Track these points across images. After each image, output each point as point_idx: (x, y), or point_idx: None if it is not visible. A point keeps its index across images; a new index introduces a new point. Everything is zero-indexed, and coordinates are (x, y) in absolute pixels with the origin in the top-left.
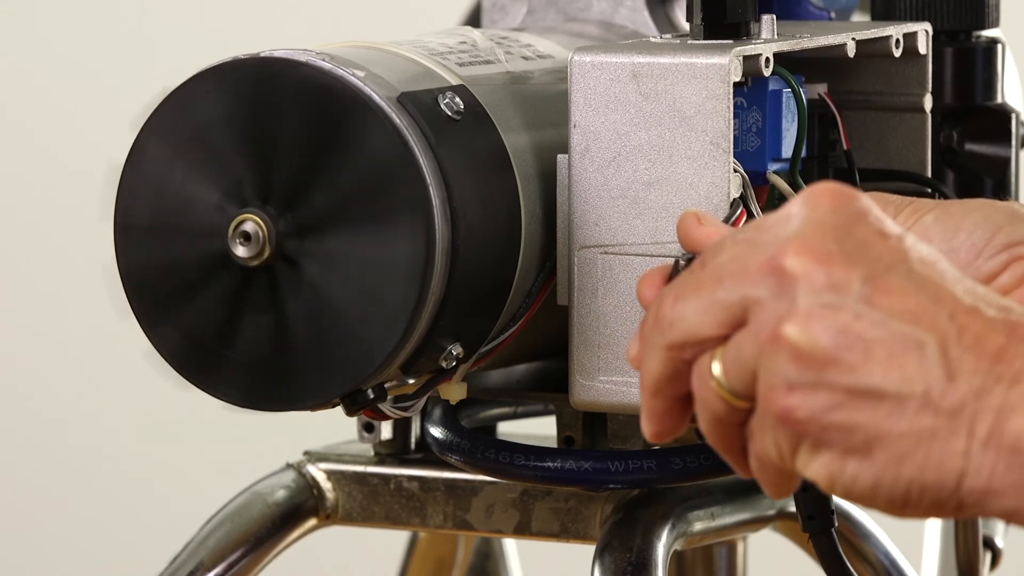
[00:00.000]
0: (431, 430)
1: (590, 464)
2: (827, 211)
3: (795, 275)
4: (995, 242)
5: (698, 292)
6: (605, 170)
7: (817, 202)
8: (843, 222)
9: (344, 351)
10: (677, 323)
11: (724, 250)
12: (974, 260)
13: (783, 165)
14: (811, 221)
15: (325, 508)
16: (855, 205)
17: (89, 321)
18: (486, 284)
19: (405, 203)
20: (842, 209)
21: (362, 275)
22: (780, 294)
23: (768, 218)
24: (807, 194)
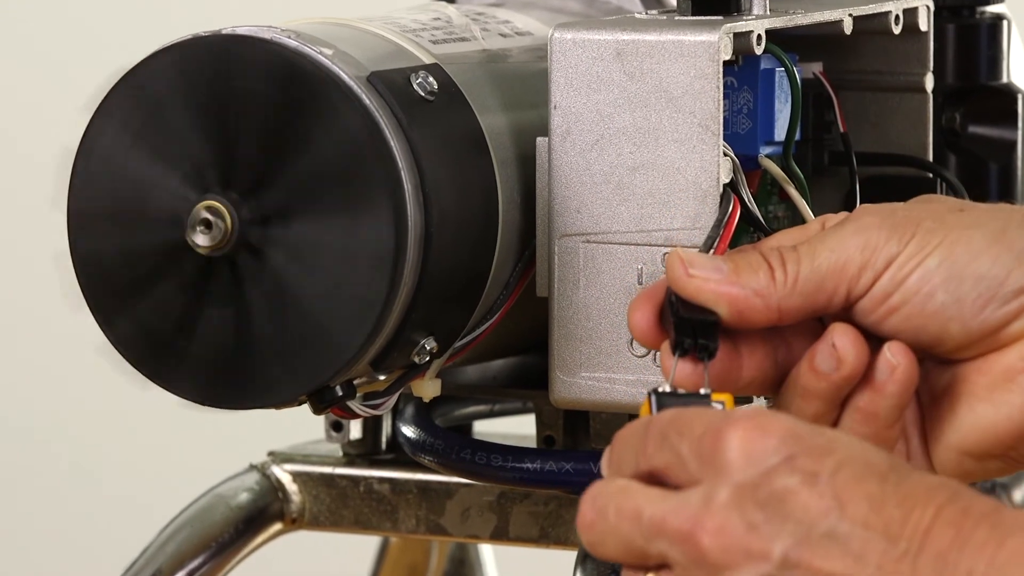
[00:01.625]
0: (403, 429)
1: (571, 465)
2: (741, 468)
3: (710, 553)
4: (1005, 290)
5: (618, 530)
6: (587, 154)
7: (729, 463)
8: (760, 477)
9: (311, 345)
10: (599, 546)
11: (656, 458)
12: (982, 311)
13: (776, 148)
14: (726, 488)
15: (291, 512)
16: (772, 449)
17: (39, 314)
18: (461, 274)
19: (375, 188)
20: (757, 459)
21: (330, 265)
22: (697, 565)
23: (698, 448)
24: (717, 450)
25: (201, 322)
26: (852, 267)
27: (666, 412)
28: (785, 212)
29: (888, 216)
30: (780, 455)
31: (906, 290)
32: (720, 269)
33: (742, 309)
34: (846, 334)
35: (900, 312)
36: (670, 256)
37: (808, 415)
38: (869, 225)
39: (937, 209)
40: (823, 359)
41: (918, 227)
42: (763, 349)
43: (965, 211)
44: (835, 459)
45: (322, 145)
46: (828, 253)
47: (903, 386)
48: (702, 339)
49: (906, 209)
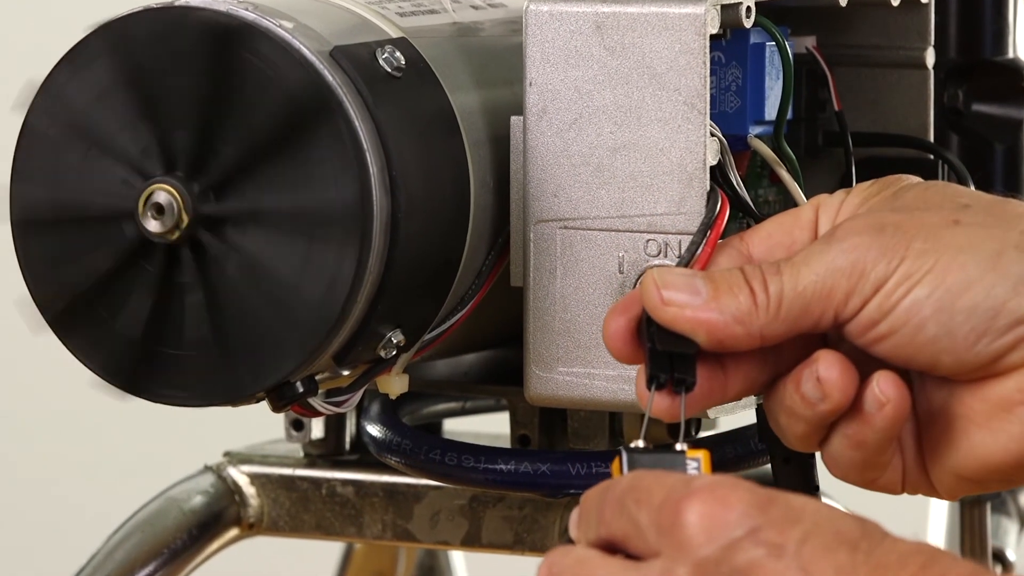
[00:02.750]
0: (368, 428)
1: (548, 466)
2: (701, 543)
3: None
4: (999, 323)
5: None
6: (565, 134)
7: (689, 537)
8: (722, 552)
9: (270, 339)
10: None
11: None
12: (975, 344)
13: (766, 128)
14: (686, 566)
15: (248, 516)
16: (734, 522)
17: None
18: (430, 263)
19: (338, 171)
20: (719, 533)
21: (290, 254)
22: None
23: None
24: (677, 523)
25: (155, 317)
26: (838, 293)
27: (626, 477)
28: (776, 196)
29: (877, 232)
30: (743, 528)
31: (895, 319)
32: (698, 292)
33: (722, 338)
34: (832, 366)
35: (889, 340)
36: (645, 280)
37: (795, 434)
38: (857, 246)
39: (930, 222)
40: (809, 387)
41: (908, 248)
42: (751, 359)
43: (961, 224)
44: (802, 529)
45: (281, 126)
46: (813, 277)
47: (892, 421)
48: (679, 373)
49: (898, 218)
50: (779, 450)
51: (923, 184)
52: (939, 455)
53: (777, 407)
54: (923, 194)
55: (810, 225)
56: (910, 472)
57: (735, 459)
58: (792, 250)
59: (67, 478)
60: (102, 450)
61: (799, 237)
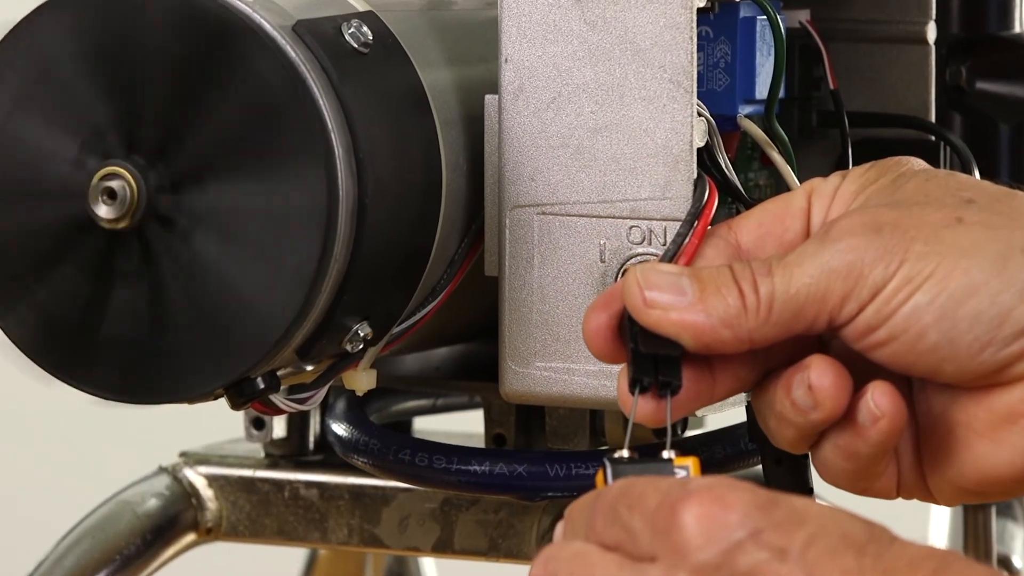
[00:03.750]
0: (334, 427)
1: (525, 467)
2: (700, 546)
3: None
4: (1005, 332)
5: None
6: (543, 114)
7: (687, 540)
8: (722, 556)
9: (228, 331)
10: None
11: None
12: (979, 354)
13: (757, 108)
14: (685, 571)
15: (205, 520)
16: (735, 523)
17: None
18: (400, 251)
19: (301, 153)
20: (719, 536)
21: (249, 240)
22: None
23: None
24: (674, 525)
25: (106, 307)
26: (834, 296)
27: (616, 483)
28: (767, 180)
29: (875, 232)
30: (744, 530)
31: (894, 326)
32: (683, 292)
33: (708, 342)
34: (825, 374)
35: (888, 347)
36: (627, 278)
37: (785, 438)
38: (853, 246)
39: (931, 220)
40: (800, 394)
41: (908, 250)
42: (740, 358)
43: (964, 223)
44: (806, 532)
45: (241, 104)
46: (807, 279)
47: (886, 436)
48: (664, 375)
49: (896, 215)
50: (770, 451)
51: (924, 173)
52: (938, 463)
53: (766, 410)
54: (924, 186)
55: (802, 213)
56: (906, 478)
57: (724, 460)
58: (783, 240)
59: (11, 480)
60: (50, 450)
61: (791, 226)
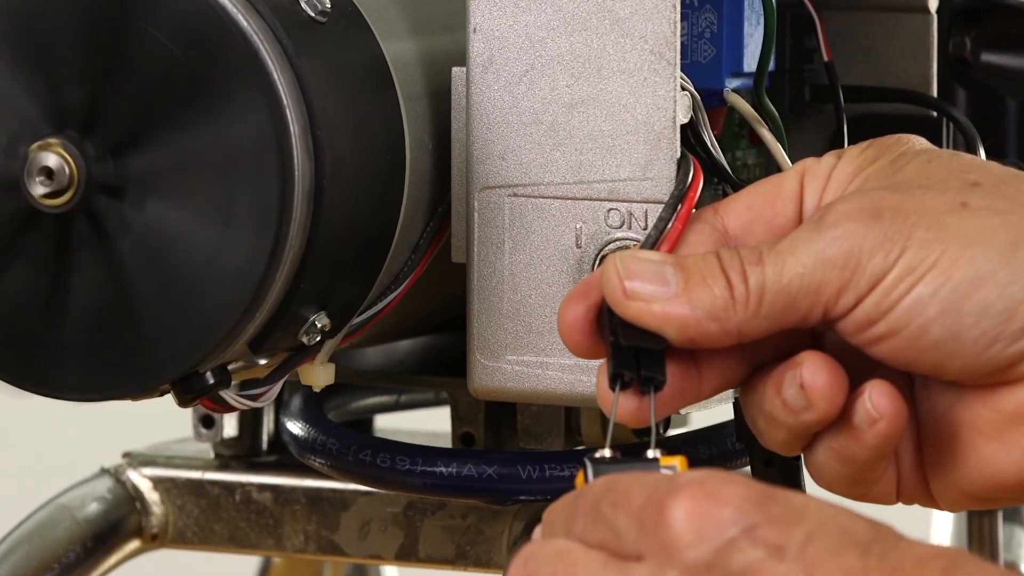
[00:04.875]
0: (289, 425)
1: (495, 469)
2: (691, 543)
3: None
4: (1014, 326)
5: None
6: (514, 88)
7: (677, 537)
8: (715, 555)
9: (175, 322)
10: None
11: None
12: (986, 350)
13: (745, 81)
14: (675, 570)
15: (151, 526)
16: (728, 519)
17: None
18: (360, 235)
19: (253, 131)
20: (710, 533)
21: (197, 225)
22: None
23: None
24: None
25: (41, 297)
26: (829, 287)
27: (598, 481)
28: (756, 159)
29: (874, 218)
30: (738, 526)
31: (894, 320)
32: (666, 283)
33: (694, 335)
34: (818, 371)
35: (888, 342)
36: (606, 267)
37: (775, 440)
38: (851, 233)
39: (934, 205)
40: (791, 394)
41: (910, 238)
42: (727, 352)
43: (969, 208)
44: (805, 528)
45: (188, 80)
46: (800, 269)
47: (885, 439)
48: (646, 370)
49: (897, 200)
50: (760, 451)
51: (926, 154)
52: (942, 467)
53: (755, 409)
54: (926, 168)
55: (794, 196)
56: (907, 482)
57: (710, 460)
58: (773, 225)
59: None
60: None
61: (782, 210)
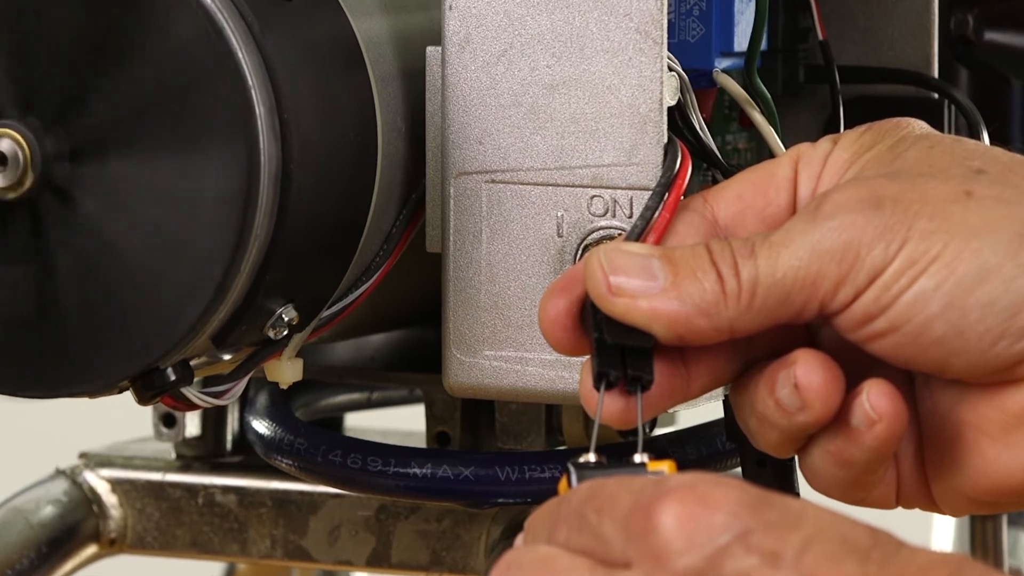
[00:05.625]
0: (254, 424)
1: (472, 470)
2: (681, 550)
3: None
4: (1020, 322)
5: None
6: (492, 68)
7: (666, 544)
8: (707, 562)
9: (134, 315)
10: None
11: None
12: (992, 347)
13: (736, 61)
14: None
15: (108, 530)
16: (720, 525)
17: None
18: (329, 224)
19: (218, 113)
20: (702, 539)
21: (159, 212)
22: None
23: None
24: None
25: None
26: (826, 281)
27: (581, 486)
28: (748, 143)
29: (874, 208)
30: (731, 532)
31: (894, 316)
32: (654, 277)
33: (683, 332)
34: (814, 370)
35: (888, 339)
36: (589, 261)
37: (768, 441)
38: (849, 224)
39: (937, 194)
40: (785, 394)
41: (911, 228)
42: (717, 349)
43: (974, 197)
44: (802, 535)
45: (149, 58)
46: (795, 262)
47: (884, 442)
48: (633, 369)
49: (897, 188)
50: (751, 451)
51: (927, 139)
52: (944, 470)
53: (747, 409)
54: (927, 154)
55: (788, 184)
56: (907, 486)
57: (698, 462)
58: (766, 214)
59: None
60: None
61: (775, 199)
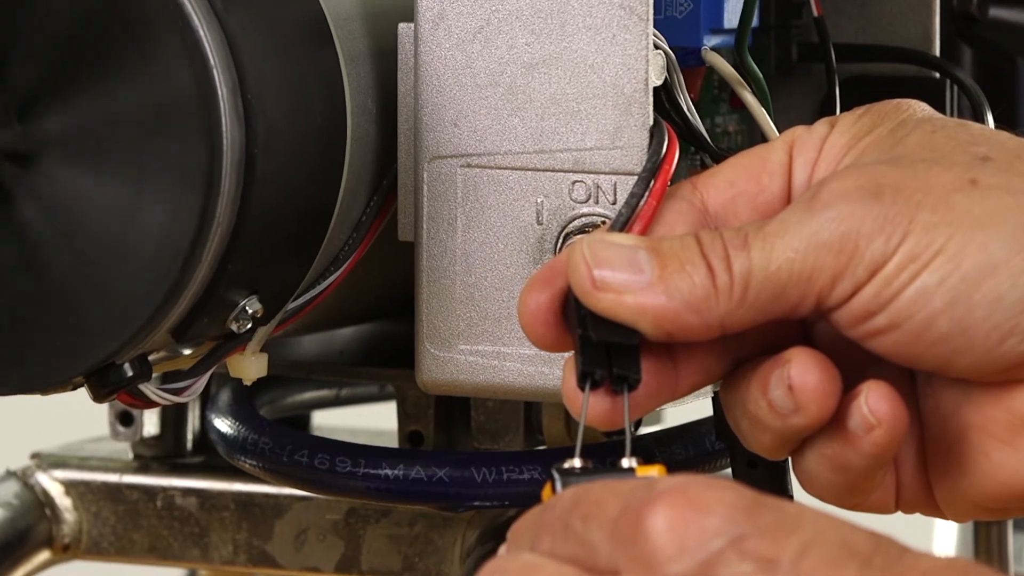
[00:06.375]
0: (217, 423)
1: (446, 471)
2: (672, 556)
3: None
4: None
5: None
6: (468, 46)
7: (657, 550)
8: (699, 569)
9: (88, 307)
10: None
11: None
12: (999, 345)
13: (726, 39)
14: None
15: (62, 535)
16: (713, 530)
17: None
18: (295, 211)
19: (177, 95)
20: (694, 545)
21: (115, 199)
22: None
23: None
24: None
25: None
26: (823, 275)
27: (565, 492)
28: (738, 126)
29: (873, 197)
30: (724, 537)
31: (896, 312)
32: (640, 270)
33: (671, 329)
34: (809, 370)
35: (888, 336)
36: (572, 254)
37: (760, 444)
38: (847, 215)
39: (941, 182)
40: (779, 395)
41: (913, 220)
42: (707, 345)
43: (979, 186)
44: (800, 539)
45: (102, 35)
46: (790, 254)
47: (882, 448)
48: (619, 368)
49: (899, 176)
50: (742, 451)
51: (929, 123)
52: (948, 473)
53: (738, 409)
54: (930, 139)
55: (782, 170)
56: (908, 490)
57: (686, 462)
58: (758, 202)
59: None
60: None
61: (768, 186)
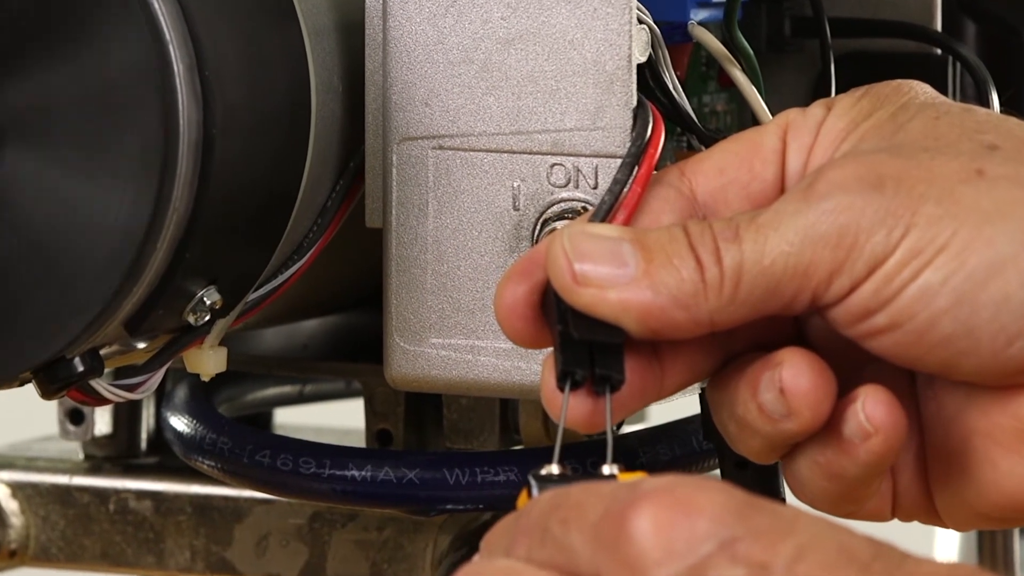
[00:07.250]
0: (172, 421)
1: (417, 473)
2: (659, 561)
3: None
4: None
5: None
6: (439, 20)
7: (641, 554)
8: (688, 574)
9: (35, 299)
10: None
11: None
12: (1006, 347)
13: (714, 13)
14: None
15: (8, 540)
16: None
17: None
18: (256, 196)
19: (130, 72)
20: (682, 549)
21: (64, 184)
22: None
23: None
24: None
25: None
26: (819, 270)
27: (543, 496)
28: (728, 105)
29: (874, 188)
30: (715, 540)
31: (896, 311)
32: (624, 263)
33: (657, 326)
34: (801, 373)
35: (889, 336)
36: (552, 246)
37: (749, 448)
38: (845, 207)
39: (945, 172)
40: (770, 398)
41: (916, 213)
42: (694, 343)
43: (986, 177)
44: (795, 543)
45: (51, 8)
46: (785, 247)
47: (879, 457)
48: (601, 367)
49: (900, 166)
50: (731, 452)
51: (932, 108)
52: (949, 480)
53: (726, 411)
54: (933, 125)
55: (776, 156)
56: (907, 497)
57: (671, 463)
58: (751, 191)
59: None
60: None
61: (760, 173)
